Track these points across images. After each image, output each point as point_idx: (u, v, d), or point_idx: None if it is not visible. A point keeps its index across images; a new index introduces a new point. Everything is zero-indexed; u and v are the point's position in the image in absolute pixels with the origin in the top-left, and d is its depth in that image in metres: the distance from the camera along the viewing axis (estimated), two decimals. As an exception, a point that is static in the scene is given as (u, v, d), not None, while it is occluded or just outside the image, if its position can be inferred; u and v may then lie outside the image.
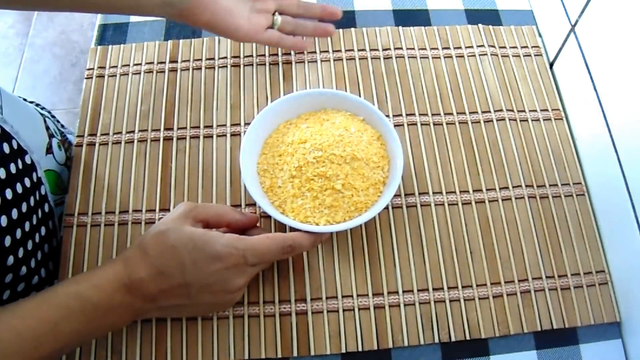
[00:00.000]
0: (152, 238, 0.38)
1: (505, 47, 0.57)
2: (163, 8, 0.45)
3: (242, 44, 0.56)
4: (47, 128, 0.51)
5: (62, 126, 0.60)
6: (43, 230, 0.45)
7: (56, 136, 0.53)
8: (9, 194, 0.40)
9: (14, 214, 0.40)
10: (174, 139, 0.51)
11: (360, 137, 0.45)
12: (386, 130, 0.46)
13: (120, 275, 0.36)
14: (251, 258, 0.38)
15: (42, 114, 0.52)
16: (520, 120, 0.53)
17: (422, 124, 0.52)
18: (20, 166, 0.42)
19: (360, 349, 0.43)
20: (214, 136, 0.51)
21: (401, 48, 0.56)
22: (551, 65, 0.57)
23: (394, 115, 0.53)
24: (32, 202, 0.43)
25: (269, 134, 0.47)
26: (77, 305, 0.35)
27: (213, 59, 0.55)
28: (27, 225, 0.42)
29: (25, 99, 0.54)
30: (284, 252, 0.39)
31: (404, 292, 0.45)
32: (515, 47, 0.57)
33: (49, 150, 0.50)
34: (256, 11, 0.50)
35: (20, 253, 0.41)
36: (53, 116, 0.58)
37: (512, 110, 0.53)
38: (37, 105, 0.56)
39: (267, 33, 0.50)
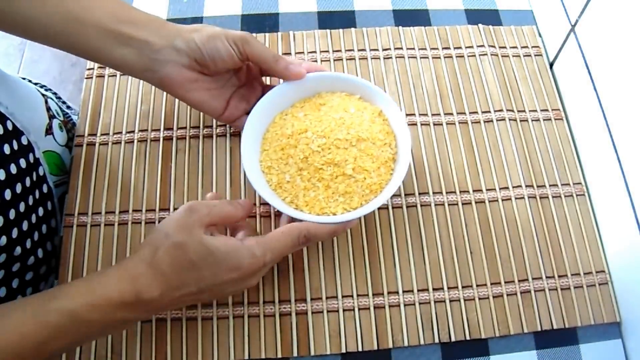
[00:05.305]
0: (166, 254, 0.34)
1: (505, 47, 0.57)
2: (143, 73, 0.43)
3: None
4: (48, 109, 0.51)
5: (68, 107, 0.59)
6: (41, 210, 0.45)
7: (58, 117, 0.52)
8: (1, 174, 0.40)
9: (7, 194, 0.40)
10: (174, 139, 0.51)
11: (361, 116, 0.43)
12: (386, 104, 0.44)
13: (126, 295, 0.33)
14: (269, 259, 0.37)
15: (44, 95, 0.52)
16: (520, 121, 0.53)
17: (422, 124, 0.52)
18: (16, 147, 0.42)
19: (360, 349, 0.43)
20: (214, 136, 0.51)
21: (401, 48, 0.56)
22: (551, 65, 0.57)
23: (394, 115, 0.53)
24: (27, 183, 0.43)
25: (266, 129, 0.46)
26: (70, 325, 0.32)
27: (213, 59, 0.55)
28: (22, 206, 0.42)
29: (30, 80, 0.54)
30: (300, 243, 0.38)
31: (404, 292, 0.45)
32: (515, 47, 0.57)
33: (49, 131, 0.49)
34: (240, 96, 0.47)
35: (15, 234, 0.41)
36: (59, 97, 0.58)
37: (512, 111, 0.53)
38: (42, 86, 0.56)
39: (239, 121, 0.47)
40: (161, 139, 0.51)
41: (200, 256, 0.35)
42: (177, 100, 0.53)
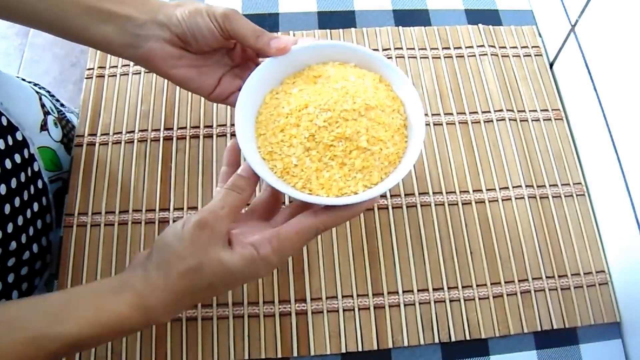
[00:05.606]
0: (181, 278, 0.32)
1: (505, 47, 0.57)
2: (126, 51, 0.40)
3: None
4: (43, 105, 0.51)
5: (62, 105, 0.59)
6: (36, 206, 0.45)
7: (52, 114, 0.53)
8: None
9: (2, 189, 0.40)
10: (174, 139, 0.51)
11: (363, 83, 0.39)
12: (387, 69, 0.40)
13: (137, 323, 0.32)
14: (284, 261, 0.36)
15: (37, 92, 0.52)
16: (520, 121, 0.53)
17: (422, 124, 0.52)
18: (11, 142, 0.43)
19: (360, 349, 0.43)
20: (214, 136, 0.51)
21: (401, 48, 0.56)
22: (551, 65, 0.57)
23: (394, 115, 0.52)
24: (22, 178, 0.43)
25: (257, 111, 0.41)
26: (71, 350, 0.31)
27: (213, 59, 0.55)
28: (17, 201, 0.42)
29: (23, 79, 0.54)
30: (316, 236, 0.36)
31: (404, 292, 0.45)
32: (515, 47, 0.57)
33: (44, 127, 0.50)
34: (232, 75, 0.44)
35: (10, 228, 0.41)
36: (52, 95, 0.58)
37: (512, 110, 0.53)
38: (36, 84, 0.56)
39: (232, 97, 0.44)
40: (161, 139, 0.51)
41: (218, 276, 0.33)
42: (177, 100, 0.53)
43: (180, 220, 0.34)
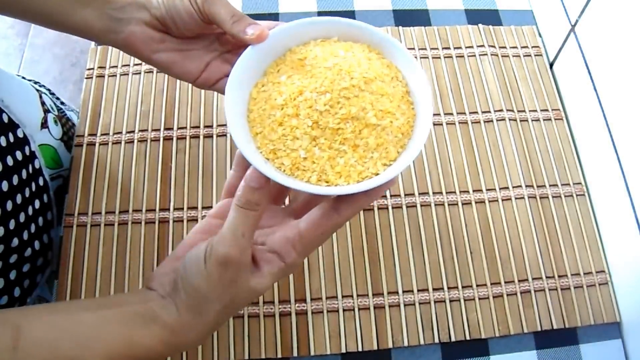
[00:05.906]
0: (216, 316, 0.32)
1: (505, 47, 0.57)
2: (107, 36, 0.39)
3: None
4: (43, 103, 0.52)
5: (62, 103, 0.59)
6: (37, 203, 0.46)
7: (52, 111, 0.53)
8: None
9: (4, 186, 0.40)
10: (174, 139, 0.51)
11: (354, 56, 0.36)
12: (375, 37, 0.37)
13: (164, 357, 0.32)
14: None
15: (38, 90, 0.53)
16: (520, 121, 0.53)
17: (422, 124, 0.52)
18: (12, 139, 0.43)
19: (360, 349, 0.43)
20: (214, 136, 0.51)
21: (401, 48, 0.56)
22: (551, 65, 0.57)
23: (394, 115, 0.52)
24: (24, 175, 0.43)
25: (247, 109, 0.37)
26: None
27: (213, 59, 0.55)
28: (18, 198, 0.42)
29: (24, 77, 0.54)
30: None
31: (404, 292, 0.45)
32: (515, 47, 0.57)
33: (44, 124, 0.50)
34: (221, 60, 0.42)
35: (12, 225, 0.41)
36: (52, 93, 0.59)
37: (512, 111, 0.53)
38: (36, 82, 0.56)
39: (221, 83, 0.42)
40: (161, 139, 0.51)
41: (249, 299, 0.33)
42: (177, 100, 0.53)
43: (202, 247, 0.31)
